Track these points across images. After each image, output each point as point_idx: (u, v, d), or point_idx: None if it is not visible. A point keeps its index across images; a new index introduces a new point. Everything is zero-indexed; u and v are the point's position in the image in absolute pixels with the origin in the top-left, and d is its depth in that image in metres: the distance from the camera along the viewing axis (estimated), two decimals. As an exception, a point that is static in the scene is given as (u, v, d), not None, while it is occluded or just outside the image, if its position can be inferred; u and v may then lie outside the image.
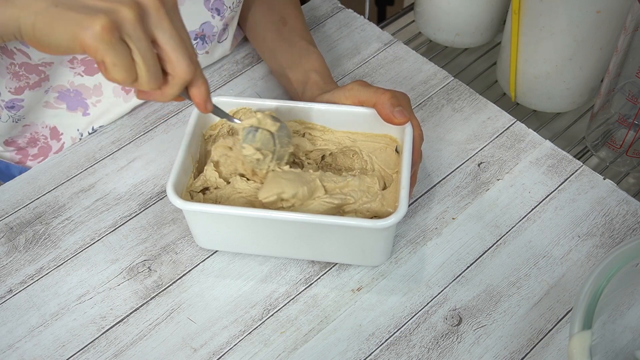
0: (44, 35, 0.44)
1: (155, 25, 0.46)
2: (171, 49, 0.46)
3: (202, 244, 0.63)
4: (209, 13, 0.73)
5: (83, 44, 0.44)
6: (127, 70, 0.45)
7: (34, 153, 0.77)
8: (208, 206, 0.56)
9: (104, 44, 0.43)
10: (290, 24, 0.75)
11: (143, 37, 0.45)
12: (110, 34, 0.43)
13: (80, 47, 0.44)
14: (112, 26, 0.43)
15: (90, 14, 0.43)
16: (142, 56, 0.45)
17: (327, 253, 0.61)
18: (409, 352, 0.57)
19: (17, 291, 0.62)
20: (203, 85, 0.50)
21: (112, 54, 0.44)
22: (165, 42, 0.46)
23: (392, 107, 0.60)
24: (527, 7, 0.76)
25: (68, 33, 0.44)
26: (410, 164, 0.58)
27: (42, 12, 0.44)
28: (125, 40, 0.45)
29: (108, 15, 0.43)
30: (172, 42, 0.46)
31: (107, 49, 0.44)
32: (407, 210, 0.55)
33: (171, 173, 0.58)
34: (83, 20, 0.43)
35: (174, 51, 0.46)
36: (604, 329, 0.52)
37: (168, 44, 0.46)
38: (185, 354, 0.58)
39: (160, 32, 0.46)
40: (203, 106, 0.52)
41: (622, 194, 0.68)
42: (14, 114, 0.71)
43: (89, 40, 0.43)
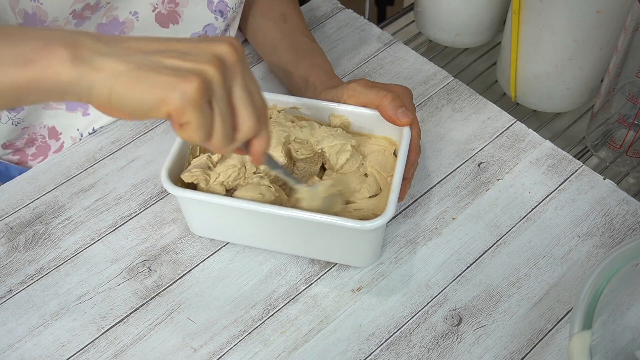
0: (124, 99, 0.41)
1: (233, 79, 0.44)
2: (242, 106, 0.44)
3: (195, 231, 0.63)
4: (212, 15, 0.73)
5: (171, 106, 0.41)
6: (207, 132, 0.43)
7: (33, 152, 0.77)
8: (200, 194, 0.56)
9: (193, 106, 0.41)
10: (291, 21, 0.75)
11: (225, 98, 0.43)
12: (201, 95, 0.41)
13: (165, 109, 0.41)
14: (204, 88, 0.41)
15: (181, 76, 0.41)
16: (222, 118, 0.43)
17: (315, 250, 0.61)
18: (409, 352, 0.57)
19: (17, 291, 0.62)
20: (265, 140, 0.47)
21: (199, 116, 0.41)
22: (238, 98, 0.44)
23: (395, 108, 0.60)
24: (527, 7, 0.76)
25: (154, 95, 0.41)
26: (402, 169, 0.58)
27: (124, 75, 0.41)
28: (211, 99, 0.42)
29: (199, 77, 0.41)
30: (244, 98, 0.44)
31: (195, 112, 0.41)
32: (394, 213, 0.55)
33: (167, 159, 0.58)
34: (174, 83, 0.40)
35: (244, 109, 0.44)
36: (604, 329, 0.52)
37: (240, 100, 0.44)
38: (185, 354, 0.58)
39: (236, 88, 0.44)
40: (259, 159, 0.48)
41: (622, 194, 0.68)
42: (14, 117, 0.71)
43: (178, 102, 0.40)
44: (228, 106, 0.43)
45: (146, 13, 0.70)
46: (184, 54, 0.42)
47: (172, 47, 0.43)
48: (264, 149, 0.48)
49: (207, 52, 0.42)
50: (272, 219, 0.57)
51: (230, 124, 0.44)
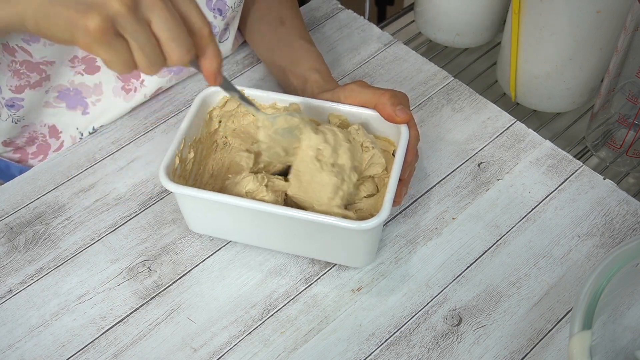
0: (45, 30, 0.44)
1: (149, 9, 0.44)
2: (164, 37, 0.45)
3: (193, 228, 0.64)
4: (210, 13, 0.73)
5: (77, 42, 0.43)
6: (125, 63, 0.45)
7: (33, 151, 0.77)
8: (197, 191, 0.57)
9: (98, 42, 0.43)
10: (289, 24, 0.75)
11: (137, 28, 0.44)
12: (103, 33, 0.42)
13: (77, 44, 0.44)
14: (104, 25, 0.42)
15: (81, 11, 0.42)
16: (140, 48, 0.44)
17: (311, 249, 0.61)
18: (409, 352, 0.57)
19: (17, 291, 0.62)
20: (214, 58, 0.48)
21: (108, 52, 0.43)
22: (159, 29, 0.45)
23: (393, 106, 0.60)
24: (527, 7, 0.76)
25: (65, 30, 0.43)
26: (399, 169, 0.58)
27: (39, 8, 0.44)
28: (121, 32, 0.43)
29: (100, 13, 0.42)
30: (164, 28, 0.44)
31: (102, 47, 0.43)
32: (389, 213, 0.55)
33: (165, 156, 0.58)
34: (76, 19, 0.42)
35: (167, 40, 0.45)
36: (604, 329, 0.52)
37: (161, 31, 0.45)
38: (185, 354, 0.58)
39: (154, 17, 0.44)
40: (212, 79, 0.50)
41: (622, 194, 0.68)
42: (14, 114, 0.71)
43: (83, 40, 0.43)
44: (147, 37, 0.44)
45: None
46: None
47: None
48: (213, 70, 0.49)
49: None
50: (267, 217, 0.57)
51: (155, 52, 0.45)
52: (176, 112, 0.76)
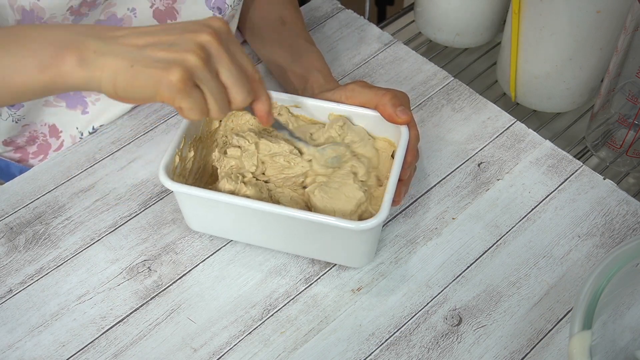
0: (126, 92, 0.49)
1: (217, 61, 0.50)
2: (230, 84, 0.50)
3: (192, 227, 0.64)
4: (210, 12, 0.73)
5: (162, 96, 0.48)
6: (201, 110, 0.50)
7: (34, 151, 0.77)
8: (197, 190, 0.57)
9: (180, 93, 0.48)
10: (289, 23, 0.75)
11: (210, 77, 0.49)
12: (184, 84, 0.47)
13: (160, 99, 0.48)
14: (185, 76, 0.47)
15: (165, 69, 0.47)
16: (213, 96, 0.50)
17: (309, 249, 0.61)
18: (409, 352, 0.57)
19: (17, 291, 0.62)
20: (266, 101, 0.54)
21: (188, 100, 0.48)
22: (225, 77, 0.50)
23: (394, 107, 0.60)
24: (527, 7, 0.76)
25: (148, 88, 0.48)
26: (399, 169, 0.58)
27: (122, 72, 0.48)
28: (197, 84, 0.49)
29: (181, 67, 0.47)
30: (230, 76, 0.50)
31: (183, 98, 0.48)
32: (388, 213, 0.55)
33: (164, 155, 0.59)
34: (161, 75, 0.47)
35: (233, 86, 0.51)
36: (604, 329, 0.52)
37: (228, 79, 0.50)
38: (185, 354, 0.58)
39: (221, 68, 0.50)
40: (265, 120, 0.55)
41: (622, 194, 0.68)
42: (14, 113, 0.71)
43: (167, 93, 0.47)
44: (217, 85, 0.50)
45: (144, 9, 0.70)
46: (170, 46, 0.49)
47: (160, 40, 0.49)
48: (266, 111, 0.55)
49: (190, 42, 0.49)
50: (266, 216, 0.57)
51: (223, 99, 0.51)
52: (176, 112, 0.76)
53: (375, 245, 0.62)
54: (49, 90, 0.52)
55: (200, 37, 0.49)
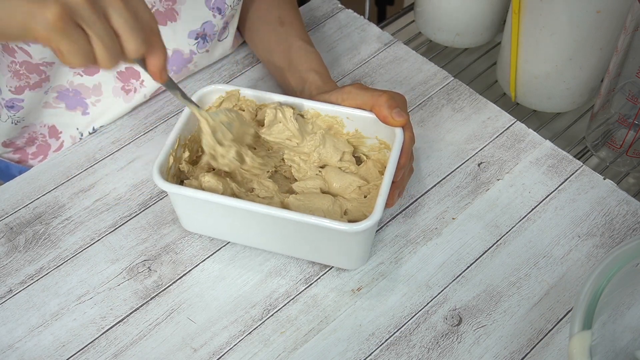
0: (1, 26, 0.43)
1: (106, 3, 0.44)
2: (121, 29, 0.45)
3: (186, 226, 0.64)
4: (210, 12, 0.73)
5: (35, 34, 0.42)
6: (85, 55, 0.44)
7: (33, 151, 0.77)
8: (190, 191, 0.57)
9: (57, 32, 0.42)
10: (288, 24, 0.75)
11: (97, 19, 0.43)
12: (63, 22, 0.42)
13: (32, 36, 0.43)
14: (64, 14, 0.42)
15: (39, 2, 0.41)
16: (99, 39, 0.44)
17: (303, 251, 0.61)
18: (409, 352, 0.57)
19: (17, 291, 0.62)
20: (160, 56, 0.49)
21: (67, 42, 0.43)
22: (116, 22, 0.45)
23: (389, 108, 0.60)
24: (527, 7, 0.76)
25: (18, 22, 0.42)
26: (393, 171, 0.58)
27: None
28: (79, 24, 0.43)
29: (58, 2, 0.41)
30: (121, 20, 0.45)
31: (61, 37, 0.42)
32: (381, 215, 0.55)
33: (159, 155, 0.59)
34: (34, 10, 0.41)
35: (124, 32, 0.45)
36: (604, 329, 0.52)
37: (117, 22, 0.45)
38: (185, 354, 0.58)
39: (111, 11, 0.44)
40: (158, 75, 0.50)
41: (622, 194, 0.68)
42: (13, 115, 0.71)
43: (41, 30, 0.42)
44: (104, 28, 0.44)
45: None
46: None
47: None
48: (160, 66, 0.49)
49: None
50: (258, 217, 0.57)
51: (112, 45, 0.45)
52: (176, 112, 0.76)
53: (369, 247, 0.61)
54: None
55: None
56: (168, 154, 0.59)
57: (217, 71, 0.80)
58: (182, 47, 0.74)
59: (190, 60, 0.76)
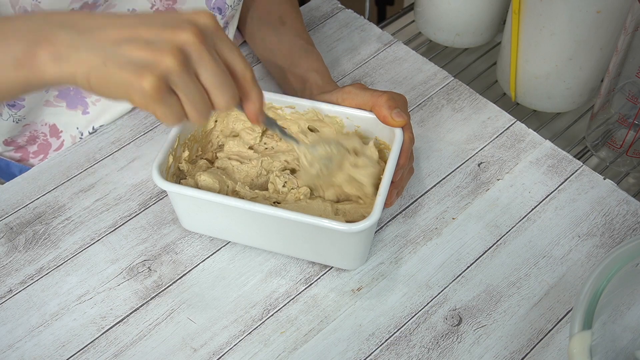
0: (101, 91, 0.46)
1: (197, 63, 0.46)
2: (211, 86, 0.46)
3: (185, 226, 0.64)
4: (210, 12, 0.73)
5: (134, 102, 0.45)
6: (178, 116, 0.46)
7: (34, 150, 0.77)
8: (189, 190, 0.57)
9: (153, 101, 0.44)
10: (289, 24, 0.75)
11: (188, 81, 0.45)
12: (158, 92, 0.44)
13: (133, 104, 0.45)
14: (159, 84, 0.44)
15: (137, 74, 0.43)
16: (190, 101, 0.46)
17: (301, 251, 0.61)
18: (409, 352, 0.57)
19: (17, 291, 0.62)
20: (256, 101, 0.51)
21: (161, 108, 0.45)
22: (206, 80, 0.46)
23: (389, 109, 0.60)
24: (527, 7, 0.76)
25: (121, 91, 0.44)
26: (392, 171, 0.58)
27: (94, 70, 0.45)
28: (173, 88, 0.45)
29: (154, 72, 0.43)
30: (211, 78, 0.46)
31: (157, 105, 0.44)
32: (380, 216, 0.55)
33: (158, 154, 0.59)
34: (131, 81, 0.44)
35: (214, 89, 0.47)
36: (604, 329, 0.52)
37: (208, 81, 0.46)
38: (185, 354, 0.58)
39: (201, 69, 0.46)
40: (255, 120, 0.52)
41: (622, 194, 0.68)
42: (14, 113, 0.71)
43: (139, 99, 0.44)
44: (196, 89, 0.46)
45: (144, 10, 0.70)
46: (147, 44, 0.44)
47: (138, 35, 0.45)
48: (257, 110, 0.51)
49: (168, 42, 0.44)
50: (257, 216, 0.57)
51: (203, 103, 0.47)
52: (176, 112, 0.76)
53: (368, 248, 0.61)
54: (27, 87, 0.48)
55: (180, 36, 0.45)
56: (167, 153, 0.59)
57: (217, 71, 0.80)
58: None
59: None
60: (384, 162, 0.65)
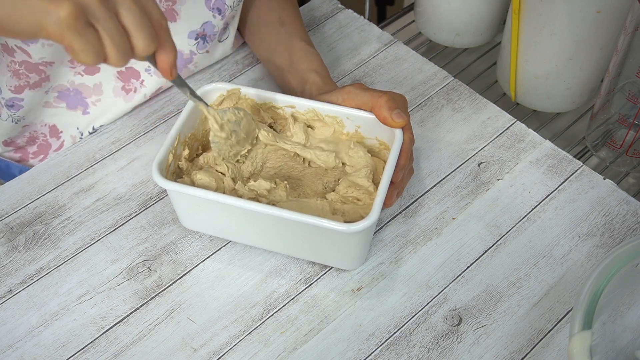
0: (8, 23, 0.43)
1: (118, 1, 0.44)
2: (132, 26, 0.45)
3: (185, 225, 0.64)
4: (210, 13, 0.73)
5: (48, 31, 0.42)
6: (96, 54, 0.44)
7: (34, 151, 0.77)
8: (189, 188, 0.57)
9: (70, 30, 0.42)
10: (289, 24, 0.75)
11: (108, 16, 0.44)
12: (75, 19, 0.42)
13: (45, 33, 0.43)
14: (77, 11, 0.42)
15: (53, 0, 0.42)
16: (110, 37, 0.44)
17: (300, 250, 0.61)
18: (409, 352, 0.57)
19: (17, 291, 0.62)
20: (170, 53, 0.49)
21: (79, 39, 0.43)
22: (127, 19, 0.45)
23: (389, 110, 0.60)
24: (527, 7, 0.76)
25: (32, 20, 0.42)
26: (391, 172, 0.58)
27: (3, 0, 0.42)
28: (91, 21, 0.43)
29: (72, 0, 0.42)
30: (131, 18, 0.45)
31: (74, 35, 0.42)
32: (378, 216, 0.55)
33: (158, 153, 0.59)
34: (46, 7, 0.41)
35: (135, 30, 0.45)
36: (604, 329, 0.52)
37: (128, 19, 0.45)
38: (185, 354, 0.58)
39: (122, 9, 0.45)
40: (168, 72, 0.50)
41: (622, 194, 0.68)
42: (14, 114, 0.71)
43: (54, 28, 0.42)
44: (115, 27, 0.44)
45: None
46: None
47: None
48: (170, 63, 0.50)
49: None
50: (256, 215, 0.57)
51: (123, 43, 0.45)
52: (176, 112, 0.76)
53: (367, 248, 0.61)
54: None
55: None
56: (167, 152, 0.59)
57: (217, 71, 0.80)
58: (182, 48, 0.74)
59: (190, 61, 0.76)
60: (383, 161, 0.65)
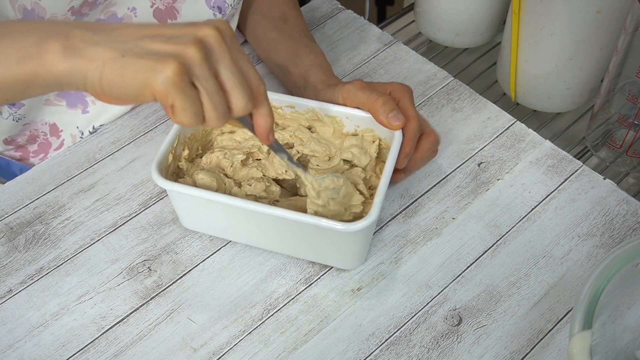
0: (113, 86, 0.44)
1: (219, 60, 0.45)
2: (231, 86, 0.46)
3: (185, 225, 0.64)
4: (210, 11, 0.73)
5: (154, 89, 0.43)
6: (195, 113, 0.45)
7: (34, 149, 0.77)
8: (188, 188, 0.57)
9: (175, 88, 0.43)
10: (291, 21, 0.75)
11: (210, 76, 0.44)
12: (180, 78, 0.43)
13: (150, 93, 0.43)
14: (182, 70, 0.43)
15: (160, 60, 0.43)
16: (210, 97, 0.45)
17: (300, 250, 0.61)
18: (409, 352, 0.57)
19: (17, 291, 0.62)
20: (267, 116, 0.50)
21: (182, 98, 0.43)
22: (226, 79, 0.45)
23: (385, 113, 0.60)
24: (527, 7, 0.76)
25: (139, 80, 0.43)
26: (390, 173, 0.58)
27: (110, 62, 0.43)
28: (194, 82, 0.44)
29: (177, 59, 0.43)
30: (232, 78, 0.45)
31: (178, 93, 0.43)
32: (377, 216, 0.55)
33: (157, 153, 0.59)
34: (154, 67, 0.42)
35: (233, 89, 0.46)
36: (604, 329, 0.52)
37: (228, 80, 0.45)
38: (185, 354, 0.58)
39: (222, 68, 0.45)
40: (265, 137, 0.51)
41: (622, 194, 0.68)
42: (15, 112, 0.71)
43: (160, 87, 0.43)
44: (215, 86, 0.45)
45: (144, 9, 0.70)
46: (170, 38, 0.44)
47: (161, 32, 0.44)
48: (267, 127, 0.50)
49: (190, 35, 0.44)
50: (256, 215, 0.57)
51: (222, 103, 0.45)
52: (176, 112, 0.76)
53: (367, 248, 0.61)
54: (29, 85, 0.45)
55: (203, 31, 0.44)
56: (167, 152, 0.59)
57: (217, 71, 0.80)
58: None
59: None
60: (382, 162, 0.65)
